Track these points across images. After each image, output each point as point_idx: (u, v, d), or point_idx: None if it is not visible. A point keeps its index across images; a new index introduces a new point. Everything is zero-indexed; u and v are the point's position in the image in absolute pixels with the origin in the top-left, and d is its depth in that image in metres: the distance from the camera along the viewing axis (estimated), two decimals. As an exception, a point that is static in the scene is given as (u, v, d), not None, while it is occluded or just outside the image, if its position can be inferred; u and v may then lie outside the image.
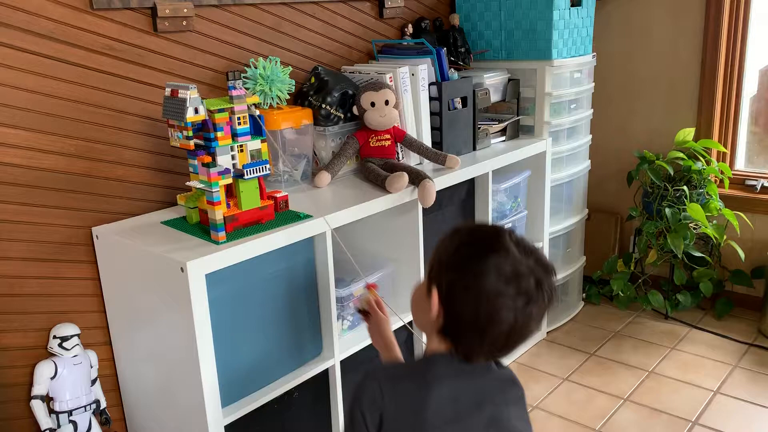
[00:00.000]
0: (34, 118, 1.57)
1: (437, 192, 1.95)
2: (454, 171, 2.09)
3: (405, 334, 2.08)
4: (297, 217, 1.67)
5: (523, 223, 2.53)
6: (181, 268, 1.41)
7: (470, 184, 2.24)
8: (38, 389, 1.60)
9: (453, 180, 2.08)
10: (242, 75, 1.93)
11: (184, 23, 1.80)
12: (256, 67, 1.91)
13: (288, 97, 1.96)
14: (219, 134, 1.52)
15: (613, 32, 2.93)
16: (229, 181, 1.53)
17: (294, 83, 1.97)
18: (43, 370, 1.60)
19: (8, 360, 1.60)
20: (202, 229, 1.61)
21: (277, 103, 1.94)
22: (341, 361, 1.84)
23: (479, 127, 2.34)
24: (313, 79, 2.08)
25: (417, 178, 1.92)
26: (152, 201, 1.80)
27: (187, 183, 1.58)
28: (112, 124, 1.70)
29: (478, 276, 0.99)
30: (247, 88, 1.91)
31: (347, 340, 1.91)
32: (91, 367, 1.68)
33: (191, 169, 1.58)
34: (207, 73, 1.88)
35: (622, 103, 2.99)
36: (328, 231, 1.70)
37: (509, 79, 2.47)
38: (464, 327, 1.02)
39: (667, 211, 2.66)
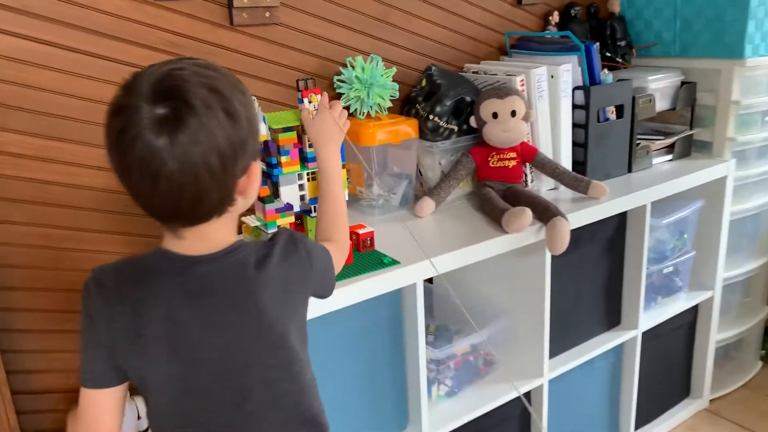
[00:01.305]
0: (82, 130, 1.34)
1: (574, 230, 1.50)
2: (600, 202, 1.62)
3: (519, 409, 1.66)
4: (381, 263, 1.31)
5: (689, 266, 1.99)
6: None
7: (620, 216, 1.76)
8: (76, 441, 1.39)
9: (597, 215, 1.62)
10: (335, 78, 1.59)
11: (267, 14, 1.49)
12: (353, 68, 1.57)
13: (390, 104, 1.60)
14: (284, 159, 1.20)
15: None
16: (291, 219, 1.20)
17: (397, 88, 1.60)
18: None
19: (48, 403, 1.41)
20: (263, 272, 1.30)
21: (376, 112, 1.59)
22: (432, 440, 1.47)
23: (638, 144, 1.84)
24: (424, 82, 1.69)
25: (546, 214, 1.48)
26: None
27: (243, 218, 1.28)
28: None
29: None
30: (340, 94, 1.58)
31: (443, 410, 1.53)
32: (138, 418, 1.45)
33: (252, 199, 1.27)
34: (293, 75, 1.57)
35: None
36: (419, 283, 1.33)
37: (682, 83, 1.92)
38: None
39: None
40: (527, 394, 1.66)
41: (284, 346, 0.91)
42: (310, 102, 1.21)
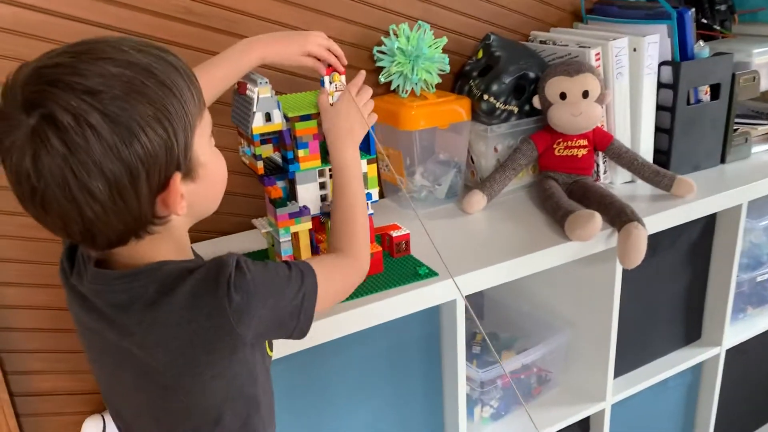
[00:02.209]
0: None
1: (652, 235, 1.26)
2: (686, 201, 1.36)
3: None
4: (416, 274, 1.11)
5: (787, 274, 1.70)
6: (220, 355, 0.95)
7: (709, 217, 1.49)
8: (81, 449, 1.28)
9: (681, 217, 1.36)
10: (375, 49, 1.37)
11: (298, -26, 1.28)
12: (396, 37, 1.35)
13: (438, 80, 1.37)
14: (301, 153, 1.01)
15: None
16: (308, 225, 1.02)
17: (447, 61, 1.37)
18: (89, 428, 1.28)
19: (51, 406, 1.30)
20: (280, 279, 1.13)
21: (422, 89, 1.37)
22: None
23: (735, 129, 1.55)
24: (480, 54, 1.45)
25: (619, 218, 1.24)
26: (247, 216, 1.35)
27: (254, 221, 1.10)
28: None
29: None
30: (380, 68, 1.37)
31: (486, 436, 1.35)
32: None
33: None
34: (327, 46, 1.36)
35: None
36: (460, 300, 1.12)
37: (796, 56, 1.60)
38: None
39: None
40: (586, 420, 1.45)
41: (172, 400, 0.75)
42: (331, 82, 1.01)
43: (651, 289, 1.46)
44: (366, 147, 1.06)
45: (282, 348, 0.99)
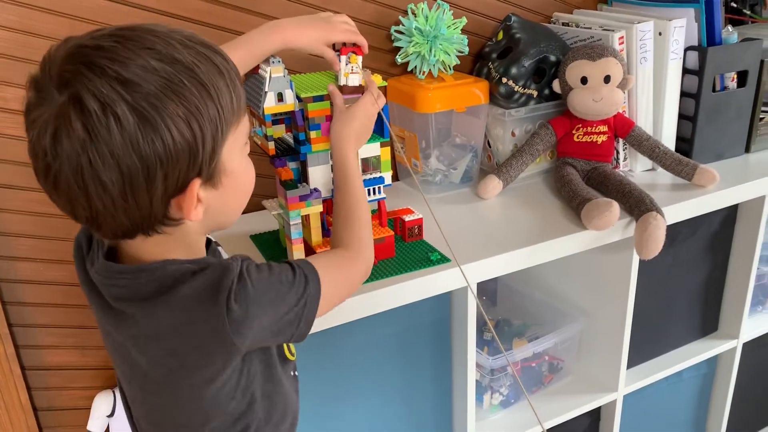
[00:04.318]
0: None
1: (671, 225, 1.23)
2: (708, 192, 1.32)
3: (585, 424, 1.44)
4: (427, 260, 1.09)
5: (810, 268, 1.66)
6: (227, 337, 0.94)
7: (730, 207, 1.45)
8: (92, 425, 1.29)
9: (702, 207, 1.33)
10: (393, 29, 1.35)
11: (315, -50, 1.25)
12: (414, 16, 1.32)
13: (456, 61, 1.34)
14: (313, 134, 0.99)
15: None
16: (319, 208, 1.00)
17: (466, 42, 1.34)
18: (99, 404, 1.29)
19: (62, 380, 1.31)
20: (290, 261, 1.12)
21: (439, 71, 1.34)
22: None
23: (762, 118, 1.50)
24: (500, 35, 1.42)
25: (638, 208, 1.21)
26: (258, 196, 1.34)
27: (264, 202, 1.08)
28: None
29: None
30: (397, 48, 1.34)
31: (495, 423, 1.34)
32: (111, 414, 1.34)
33: (279, 178, 1.07)
34: (344, 24, 1.33)
35: None
36: (471, 288, 1.11)
37: (828, 43, 1.55)
38: None
39: None
40: (597, 410, 1.43)
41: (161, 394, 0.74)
42: (348, 63, 0.98)
43: (668, 280, 1.43)
44: (379, 129, 1.04)
45: (290, 331, 0.98)
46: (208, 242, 0.79)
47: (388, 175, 1.07)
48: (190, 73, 0.60)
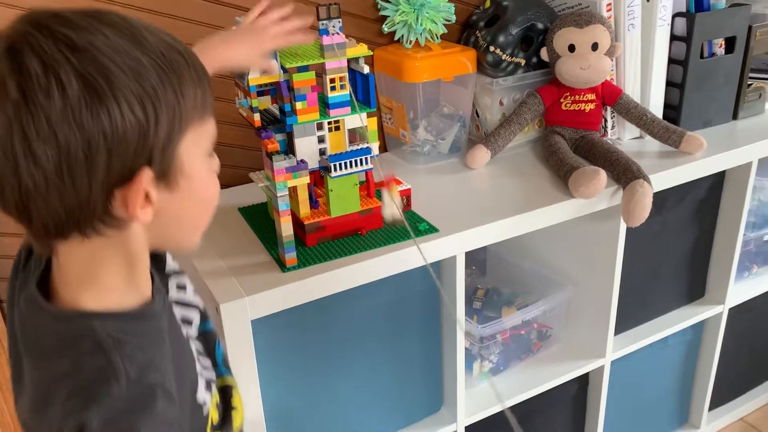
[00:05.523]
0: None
1: (658, 193, 1.24)
2: (695, 159, 1.33)
3: (573, 390, 1.46)
4: (416, 230, 1.10)
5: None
6: (216, 309, 0.95)
7: (717, 174, 1.46)
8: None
9: (689, 175, 1.33)
10: (379, -3, 1.33)
11: None
12: (401, -15, 1.30)
13: (443, 30, 1.33)
14: (299, 105, 0.98)
15: None
16: (306, 180, 1.00)
17: (453, 11, 1.33)
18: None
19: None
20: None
21: (426, 40, 1.33)
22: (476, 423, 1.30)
23: (749, 85, 1.50)
24: (488, 3, 1.41)
25: (625, 176, 1.22)
26: (245, 168, 1.34)
27: (251, 175, 1.08)
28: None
29: None
30: (384, 17, 1.32)
31: (485, 390, 1.35)
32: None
33: (265, 150, 1.07)
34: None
35: None
36: (460, 257, 1.11)
37: (816, 8, 1.54)
38: None
39: None
40: (585, 376, 1.45)
41: None
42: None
43: (655, 247, 1.44)
44: (366, 99, 1.03)
45: (280, 302, 0.98)
46: (161, 266, 0.71)
47: (375, 146, 1.06)
48: (151, 54, 0.54)
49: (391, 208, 1.02)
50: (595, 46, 1.29)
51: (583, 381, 1.48)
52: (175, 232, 0.63)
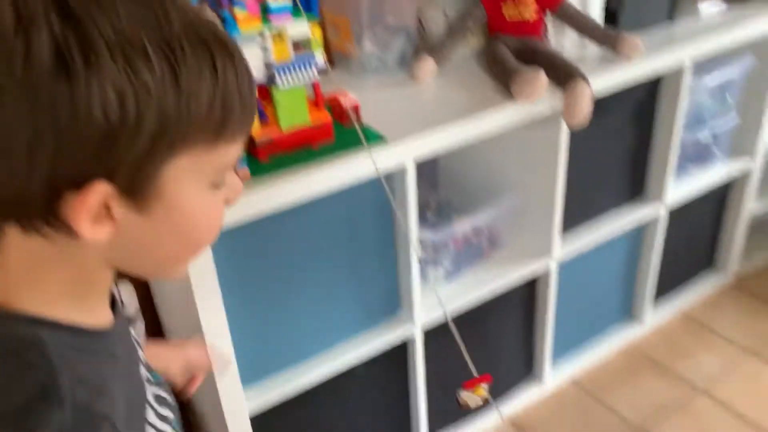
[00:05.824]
0: None
1: (598, 99, 1.28)
2: (631, 61, 1.37)
3: (523, 292, 1.53)
4: (366, 140, 1.12)
5: (729, 133, 1.76)
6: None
7: (655, 79, 1.51)
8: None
9: (626, 78, 1.38)
10: None
11: None
12: None
13: (383, -60, 1.32)
14: (239, 12, 0.97)
15: None
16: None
17: None
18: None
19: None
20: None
21: (367, -50, 1.31)
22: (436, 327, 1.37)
23: (683, -14, 1.54)
24: None
25: (565, 77, 1.25)
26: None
27: (196, 90, 1.07)
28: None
29: None
30: (322, -73, 1.30)
31: (440, 294, 1.41)
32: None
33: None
34: None
35: None
36: (410, 167, 1.14)
37: None
38: None
39: None
40: (533, 283, 1.53)
41: None
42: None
43: (596, 150, 1.50)
44: (307, 5, 1.03)
45: (231, 216, 1.00)
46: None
47: (319, 54, 1.06)
48: (164, 40, 0.42)
49: (475, 402, 1.05)
50: (534, -49, 1.29)
51: (532, 285, 1.56)
52: (144, 262, 0.53)
